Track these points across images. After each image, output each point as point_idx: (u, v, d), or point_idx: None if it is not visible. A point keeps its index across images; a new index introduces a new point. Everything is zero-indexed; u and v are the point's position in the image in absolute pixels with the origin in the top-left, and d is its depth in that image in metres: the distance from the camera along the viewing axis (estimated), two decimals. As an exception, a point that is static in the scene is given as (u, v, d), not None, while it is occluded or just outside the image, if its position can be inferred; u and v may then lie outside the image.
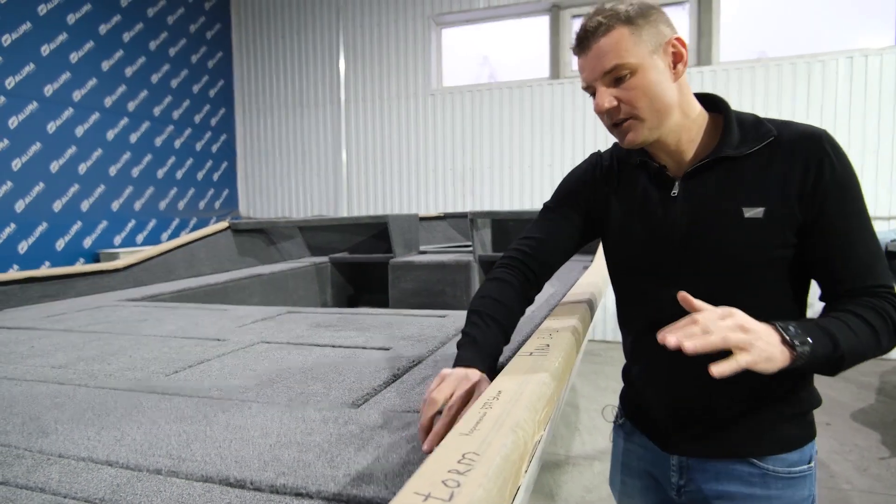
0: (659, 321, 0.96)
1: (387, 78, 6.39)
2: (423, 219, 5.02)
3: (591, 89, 0.98)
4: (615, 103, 0.95)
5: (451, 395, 0.78)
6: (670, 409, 1.05)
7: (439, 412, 0.77)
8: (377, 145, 6.45)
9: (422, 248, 4.06)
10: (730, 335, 0.76)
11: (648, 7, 0.96)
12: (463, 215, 4.56)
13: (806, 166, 0.92)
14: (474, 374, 0.85)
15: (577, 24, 5.99)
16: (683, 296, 0.84)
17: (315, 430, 0.84)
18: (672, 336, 0.77)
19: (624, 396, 1.22)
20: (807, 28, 5.26)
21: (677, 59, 0.97)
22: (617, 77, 0.94)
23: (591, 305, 1.26)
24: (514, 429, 0.51)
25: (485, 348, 0.95)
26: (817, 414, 1.07)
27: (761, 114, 1.00)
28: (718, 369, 0.76)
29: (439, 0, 6.14)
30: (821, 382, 3.90)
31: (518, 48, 6.18)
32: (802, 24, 5.27)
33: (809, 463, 1.02)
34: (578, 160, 1.18)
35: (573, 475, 2.98)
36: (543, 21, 6.02)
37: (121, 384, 1.13)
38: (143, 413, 0.95)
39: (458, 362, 0.91)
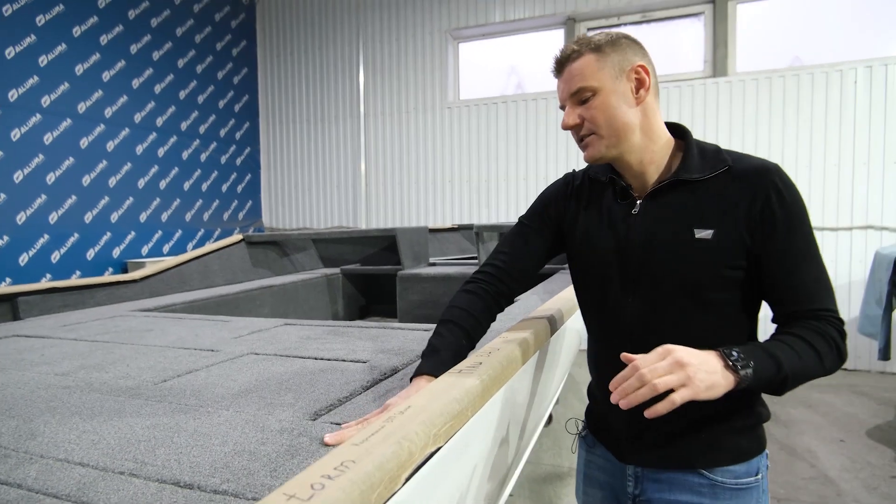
0: (618, 330, 1.09)
1: (405, 91, 6.52)
2: (436, 231, 5.11)
3: (563, 107, 1.09)
4: (578, 121, 1.05)
5: None
6: (627, 419, 1.09)
7: None
8: (395, 157, 6.58)
9: (432, 259, 4.14)
10: (660, 382, 0.82)
11: (621, 37, 1.06)
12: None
13: (754, 196, 0.98)
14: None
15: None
16: (624, 356, 0.89)
17: (269, 440, 0.92)
18: (615, 395, 0.86)
19: (588, 412, 1.28)
20: (827, 37, 5.19)
21: (640, 84, 1.04)
22: (582, 99, 1.04)
23: (552, 321, 1.32)
24: (399, 441, 0.57)
25: (445, 357, 1.04)
26: (830, 430, 1.10)
27: (777, 125, 1.03)
28: (652, 411, 0.83)
29: (456, 15, 6.26)
30: (840, 398, 3.81)
31: (544, 59, 6.23)
32: (823, 33, 5.21)
33: (757, 475, 1.05)
34: (594, 169, 1.28)
35: (574, 487, 3.00)
36: (559, 34, 6.08)
37: (111, 391, 1.23)
38: (123, 419, 1.05)
39: (418, 372, 1.02)
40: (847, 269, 5.01)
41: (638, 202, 1.08)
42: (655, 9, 5.67)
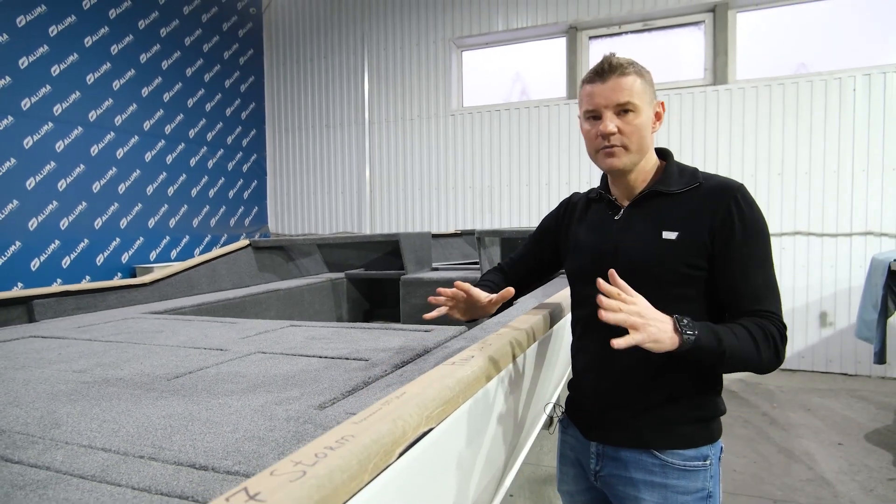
0: (597, 320, 1.20)
1: (409, 99, 6.61)
2: (439, 236, 5.18)
3: (594, 113, 1.20)
4: (616, 130, 1.17)
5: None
6: (597, 399, 1.26)
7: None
8: (399, 164, 6.67)
9: (435, 264, 4.21)
10: (629, 318, 0.99)
11: (647, 72, 1.23)
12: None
13: (717, 208, 1.14)
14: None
15: (593, 46, 6.15)
16: (612, 273, 1.05)
17: (277, 428, 0.99)
18: (603, 299, 1.01)
19: (567, 401, 1.41)
20: (830, 45, 5.25)
21: (657, 117, 1.23)
22: (624, 110, 1.17)
23: (548, 317, 1.40)
24: (395, 420, 0.64)
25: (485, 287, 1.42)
26: (829, 434, 1.22)
27: (777, 134, 1.57)
28: (617, 342, 0.99)
29: (459, 23, 6.35)
30: (839, 403, 3.87)
31: (548, 66, 6.32)
32: (826, 41, 5.27)
33: (705, 461, 1.19)
34: (595, 177, 1.50)
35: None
36: (561, 43, 6.16)
37: (128, 386, 1.31)
38: (140, 410, 1.12)
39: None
40: (847, 274, 5.05)
41: (622, 210, 1.26)
42: (656, 17, 5.75)
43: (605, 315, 0.98)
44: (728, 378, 5.07)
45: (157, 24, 5.71)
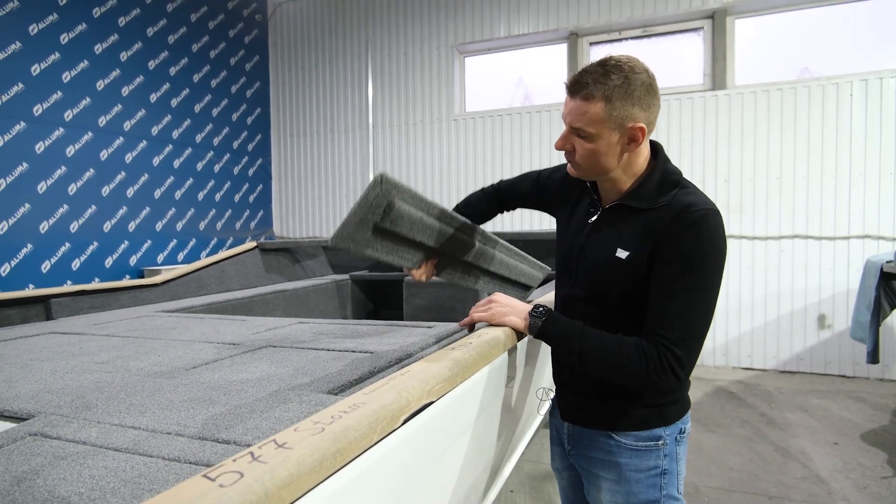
0: (563, 310, 1.36)
1: (412, 104, 6.71)
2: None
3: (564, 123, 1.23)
4: (570, 147, 1.20)
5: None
6: (562, 384, 1.40)
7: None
8: (403, 168, 6.76)
9: (437, 266, 4.28)
10: (475, 314, 1.36)
11: (638, 85, 1.10)
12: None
13: (665, 232, 1.11)
14: None
15: (594, 52, 6.23)
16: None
17: (291, 409, 1.07)
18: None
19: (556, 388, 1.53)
20: (830, 50, 5.33)
21: (632, 140, 1.15)
22: (578, 134, 1.17)
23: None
24: (399, 392, 0.73)
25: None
26: (825, 433, 1.29)
27: (776, 139, 1.47)
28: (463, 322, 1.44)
29: (462, 30, 6.46)
30: (837, 404, 3.95)
31: (550, 71, 6.41)
32: (825, 46, 5.35)
33: (658, 441, 1.25)
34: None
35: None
36: (562, 49, 6.25)
37: (149, 375, 1.39)
38: (163, 395, 1.20)
39: None
40: (845, 277, 5.11)
41: (596, 215, 1.28)
42: (656, 24, 5.84)
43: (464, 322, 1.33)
44: (727, 379, 5.13)
45: (164, 31, 5.82)
